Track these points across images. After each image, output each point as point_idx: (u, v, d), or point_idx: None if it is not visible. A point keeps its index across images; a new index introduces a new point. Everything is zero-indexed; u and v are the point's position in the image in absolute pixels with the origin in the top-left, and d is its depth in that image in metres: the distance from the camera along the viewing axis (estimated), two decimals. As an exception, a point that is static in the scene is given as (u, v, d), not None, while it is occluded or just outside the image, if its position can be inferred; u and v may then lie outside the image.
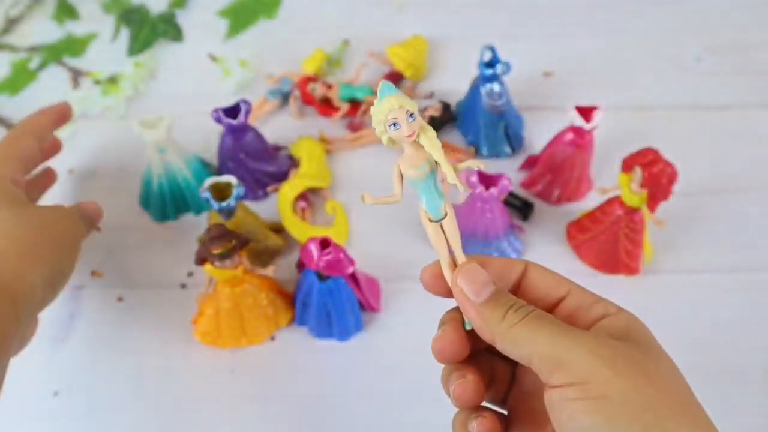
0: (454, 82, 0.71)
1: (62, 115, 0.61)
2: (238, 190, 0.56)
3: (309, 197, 0.66)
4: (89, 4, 0.82)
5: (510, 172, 0.63)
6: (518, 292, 0.35)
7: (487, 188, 0.56)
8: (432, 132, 0.33)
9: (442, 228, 0.35)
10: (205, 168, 0.66)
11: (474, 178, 0.56)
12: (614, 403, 0.28)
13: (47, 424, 0.57)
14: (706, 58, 0.75)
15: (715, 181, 0.66)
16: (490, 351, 0.35)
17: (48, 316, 0.61)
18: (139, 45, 0.78)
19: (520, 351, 0.31)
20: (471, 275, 0.33)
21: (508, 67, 0.63)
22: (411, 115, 0.32)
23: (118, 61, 0.77)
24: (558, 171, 0.63)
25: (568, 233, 0.63)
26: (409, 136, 0.33)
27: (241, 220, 0.58)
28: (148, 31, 0.79)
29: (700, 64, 0.74)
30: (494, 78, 0.63)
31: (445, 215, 0.35)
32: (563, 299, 0.34)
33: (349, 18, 0.79)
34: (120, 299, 0.62)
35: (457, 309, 0.35)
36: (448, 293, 0.35)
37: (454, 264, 0.35)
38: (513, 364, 0.37)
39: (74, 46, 0.79)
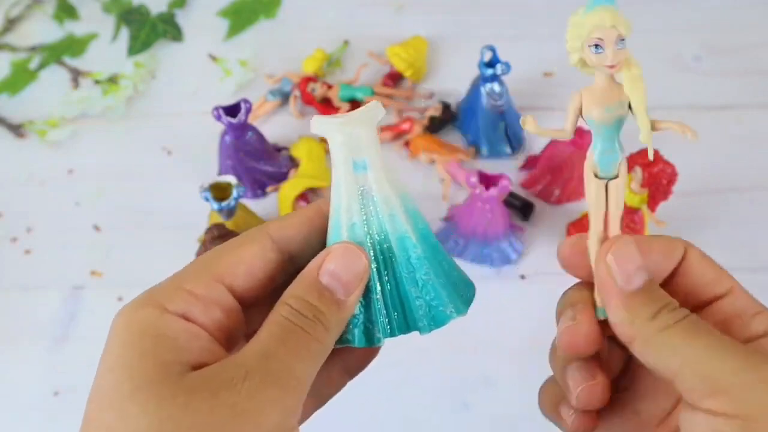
0: (454, 82, 0.71)
1: None
2: (238, 190, 0.56)
3: (309, 197, 0.66)
4: (89, 4, 0.82)
5: (510, 172, 0.63)
6: (671, 279, 0.29)
7: (487, 188, 0.56)
8: (639, 70, 0.27)
9: (606, 190, 0.28)
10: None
11: (474, 178, 0.56)
12: None
13: (47, 424, 0.57)
14: (706, 58, 0.75)
15: (715, 181, 0.66)
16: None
17: (48, 316, 0.61)
18: (139, 45, 0.78)
19: (667, 362, 0.25)
20: (624, 254, 0.27)
21: (508, 67, 0.63)
22: (622, 40, 0.26)
23: (118, 61, 0.77)
24: (558, 171, 0.63)
25: (568, 233, 0.63)
26: (612, 66, 0.26)
27: (241, 220, 0.58)
28: (148, 31, 0.79)
29: (700, 64, 0.74)
30: (494, 78, 0.63)
31: (617, 176, 0.28)
32: (720, 298, 0.29)
33: (349, 18, 0.79)
34: (120, 299, 0.62)
35: (586, 289, 0.29)
36: (589, 275, 0.29)
37: (605, 238, 0.28)
38: (628, 356, 0.31)
39: (74, 46, 0.79)
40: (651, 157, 0.27)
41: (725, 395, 0.24)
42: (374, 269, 0.29)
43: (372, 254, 0.28)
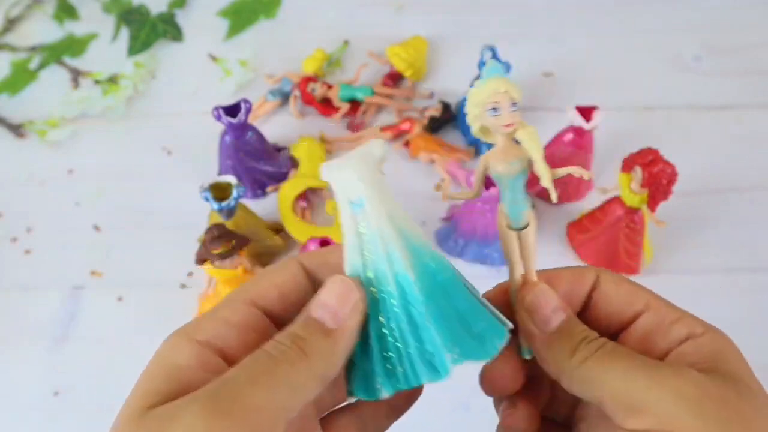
0: (454, 82, 0.71)
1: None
2: (238, 190, 0.56)
3: (309, 197, 0.66)
4: (89, 4, 0.82)
5: (510, 172, 0.63)
6: (588, 307, 0.31)
7: (487, 188, 0.56)
8: (533, 128, 0.29)
9: (519, 239, 0.30)
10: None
11: (473, 179, 0.56)
12: None
13: (47, 424, 0.57)
14: (706, 58, 0.75)
15: (715, 181, 0.66)
16: None
17: (48, 316, 0.61)
18: (139, 45, 0.78)
19: (591, 392, 0.27)
20: (541, 299, 0.29)
21: (508, 67, 0.63)
22: (514, 103, 0.28)
23: (118, 61, 0.77)
24: (558, 171, 0.63)
25: (568, 233, 0.63)
26: (508, 126, 0.29)
27: (241, 220, 0.58)
28: (148, 31, 0.79)
29: (700, 64, 0.74)
30: (494, 78, 0.63)
31: (527, 225, 0.30)
32: (640, 315, 0.29)
33: (349, 18, 0.79)
34: (120, 299, 0.62)
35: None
36: (512, 317, 0.30)
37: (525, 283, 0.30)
38: None
39: (74, 46, 0.79)
40: (554, 199, 0.29)
41: (642, 413, 0.25)
42: (370, 312, 0.28)
43: (369, 295, 0.28)
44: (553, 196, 0.29)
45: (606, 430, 0.27)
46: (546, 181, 0.29)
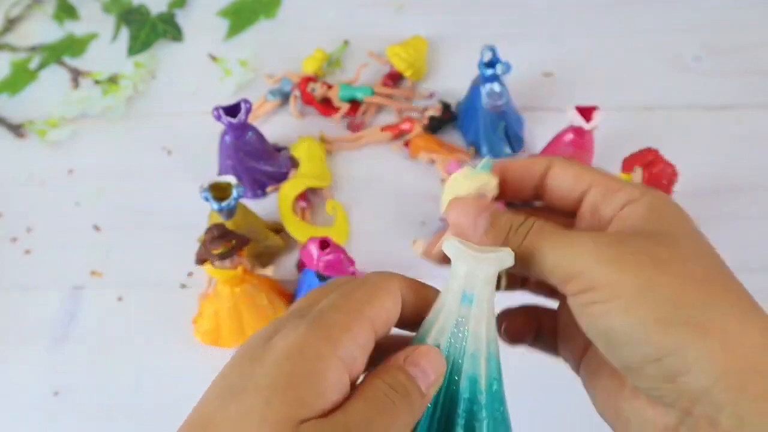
0: (454, 82, 0.71)
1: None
2: (237, 190, 0.56)
3: (309, 197, 0.66)
4: (89, 4, 0.82)
5: (510, 172, 0.63)
6: (543, 192, 0.33)
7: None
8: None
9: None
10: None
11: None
12: (627, 302, 0.26)
13: (47, 424, 0.57)
14: (706, 58, 0.74)
15: (715, 181, 0.66)
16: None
17: (48, 316, 0.61)
18: (139, 45, 0.78)
19: (532, 271, 0.29)
20: (461, 209, 0.31)
21: (508, 67, 0.63)
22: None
23: (118, 61, 0.77)
24: (558, 171, 0.62)
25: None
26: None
27: (241, 220, 0.58)
28: (148, 31, 0.79)
29: (700, 64, 0.74)
30: (494, 78, 0.63)
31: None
32: (587, 192, 0.32)
33: (349, 18, 0.79)
34: (120, 299, 0.62)
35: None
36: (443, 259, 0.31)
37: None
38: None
39: (74, 46, 0.79)
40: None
41: (574, 279, 0.28)
42: (432, 403, 0.29)
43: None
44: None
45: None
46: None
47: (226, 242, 0.52)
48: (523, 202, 0.34)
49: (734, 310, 0.27)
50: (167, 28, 0.79)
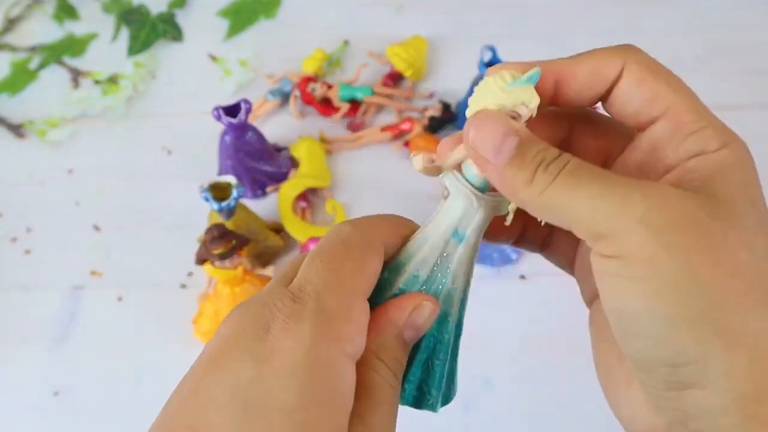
0: (454, 82, 0.71)
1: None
2: (237, 190, 0.56)
3: (309, 197, 0.66)
4: (89, 4, 0.82)
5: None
6: (607, 102, 0.27)
7: None
8: None
9: None
10: None
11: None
12: (658, 289, 0.22)
13: (47, 424, 0.57)
14: (706, 58, 0.74)
15: (715, 181, 0.66)
16: None
17: (48, 316, 0.61)
18: (139, 45, 0.78)
19: (557, 219, 0.24)
20: (487, 124, 0.25)
21: (508, 67, 0.63)
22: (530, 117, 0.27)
23: (118, 61, 0.77)
24: (558, 171, 0.62)
25: (568, 233, 0.63)
26: None
27: (241, 220, 0.58)
28: (148, 31, 0.79)
29: (700, 64, 0.74)
30: (494, 78, 0.63)
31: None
32: (655, 121, 0.25)
33: (349, 18, 0.79)
34: (120, 299, 0.62)
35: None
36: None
37: None
38: None
39: (74, 46, 0.79)
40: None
41: (606, 239, 0.23)
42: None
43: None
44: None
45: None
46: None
47: (226, 242, 0.52)
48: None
49: None
50: (167, 28, 0.79)
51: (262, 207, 0.65)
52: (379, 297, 0.27)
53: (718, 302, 0.22)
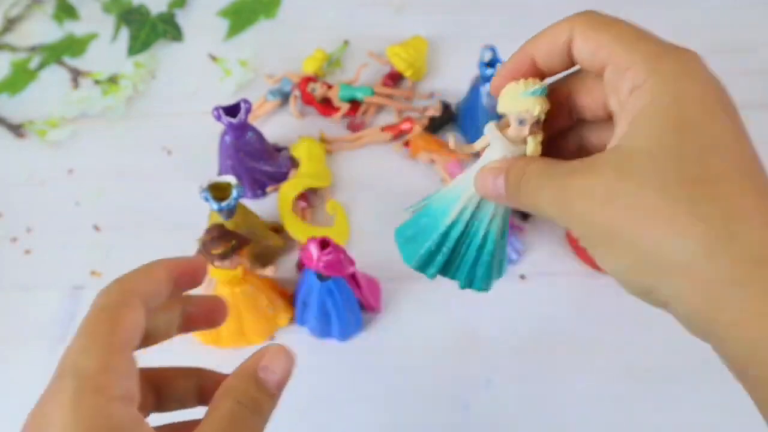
0: (454, 82, 0.71)
1: (191, 271, 0.39)
2: (237, 190, 0.56)
3: (309, 197, 0.66)
4: (89, 4, 0.82)
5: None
6: (570, 62, 0.31)
7: None
8: (541, 136, 0.33)
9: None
10: None
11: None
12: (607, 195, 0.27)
13: (47, 424, 0.57)
14: (706, 58, 0.74)
15: (715, 181, 0.66)
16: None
17: (48, 316, 0.61)
18: (139, 45, 0.78)
19: (543, 211, 0.30)
20: (480, 180, 0.32)
21: (508, 67, 0.63)
22: (538, 121, 0.32)
23: (118, 61, 0.77)
24: (558, 171, 0.62)
25: (568, 234, 0.63)
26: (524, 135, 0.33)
27: (241, 220, 0.58)
28: (148, 31, 0.79)
29: (700, 64, 0.74)
30: (494, 78, 0.63)
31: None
32: (604, 71, 0.29)
33: (349, 18, 0.79)
34: (120, 299, 0.62)
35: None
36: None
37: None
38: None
39: (74, 46, 0.79)
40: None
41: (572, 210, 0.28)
42: (453, 238, 0.35)
43: (469, 213, 0.34)
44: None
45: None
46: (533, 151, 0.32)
47: (226, 242, 0.52)
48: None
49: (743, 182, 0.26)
50: (167, 28, 0.79)
51: (262, 207, 0.65)
52: (435, 226, 0.35)
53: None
